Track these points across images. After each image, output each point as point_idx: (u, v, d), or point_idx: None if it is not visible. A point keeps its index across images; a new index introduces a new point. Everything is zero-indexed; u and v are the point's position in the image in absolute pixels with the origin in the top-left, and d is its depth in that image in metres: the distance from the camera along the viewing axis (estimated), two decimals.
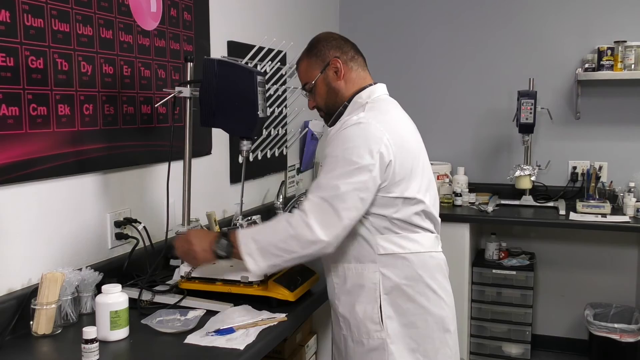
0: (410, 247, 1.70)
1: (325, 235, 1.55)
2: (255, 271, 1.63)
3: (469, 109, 3.92)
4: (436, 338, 1.73)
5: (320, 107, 1.83)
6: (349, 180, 1.57)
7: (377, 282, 1.69)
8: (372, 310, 1.68)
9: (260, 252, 1.60)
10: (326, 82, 1.78)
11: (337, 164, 1.60)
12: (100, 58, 1.93)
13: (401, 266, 1.69)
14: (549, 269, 3.85)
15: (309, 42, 1.83)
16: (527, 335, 3.56)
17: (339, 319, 1.76)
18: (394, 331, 1.68)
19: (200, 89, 1.84)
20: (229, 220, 2.68)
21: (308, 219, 1.55)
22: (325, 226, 1.55)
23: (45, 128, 1.73)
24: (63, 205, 1.83)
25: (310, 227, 1.55)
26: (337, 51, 1.77)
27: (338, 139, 1.64)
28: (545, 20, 3.75)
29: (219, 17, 2.62)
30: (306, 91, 1.83)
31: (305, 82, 1.81)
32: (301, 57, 1.84)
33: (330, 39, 1.80)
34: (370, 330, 1.69)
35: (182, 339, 1.56)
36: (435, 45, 3.97)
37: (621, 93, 3.64)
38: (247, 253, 1.61)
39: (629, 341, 3.31)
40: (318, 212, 1.56)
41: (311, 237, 1.55)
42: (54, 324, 1.62)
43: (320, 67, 1.77)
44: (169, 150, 1.98)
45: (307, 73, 1.80)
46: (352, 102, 1.77)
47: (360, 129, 1.62)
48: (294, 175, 3.40)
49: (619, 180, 3.59)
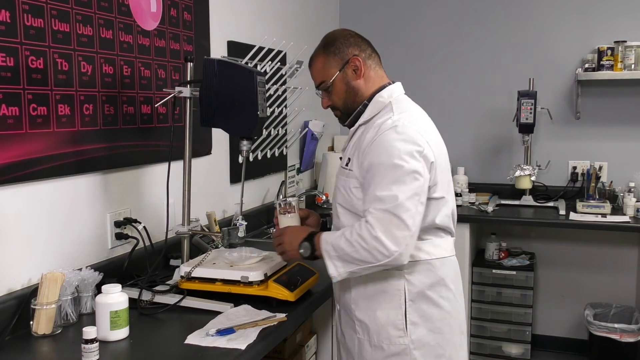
0: (435, 252, 1.69)
1: (395, 247, 1.53)
2: (335, 276, 1.61)
3: (469, 109, 3.92)
4: (457, 342, 1.74)
5: (337, 107, 1.77)
6: (405, 188, 1.55)
7: (402, 289, 1.66)
8: (396, 316, 1.66)
9: (341, 260, 1.59)
10: (345, 81, 1.72)
11: (386, 172, 1.57)
12: (100, 58, 1.93)
13: (426, 272, 1.67)
14: (549, 269, 3.85)
15: (324, 39, 1.77)
16: (527, 335, 3.56)
17: (355, 322, 1.72)
18: (419, 337, 1.66)
19: (200, 89, 1.84)
20: (229, 220, 2.68)
21: (376, 232, 1.53)
22: (394, 238, 1.53)
23: (45, 128, 1.73)
24: (63, 205, 1.83)
25: (380, 241, 1.52)
26: (356, 49, 1.72)
27: (379, 145, 1.60)
28: (545, 20, 3.75)
29: (219, 17, 2.62)
30: (321, 90, 1.77)
31: (322, 80, 1.75)
32: (316, 55, 1.76)
33: (347, 35, 1.75)
34: (392, 335, 1.66)
35: (183, 339, 1.56)
36: (435, 45, 3.97)
37: (621, 93, 3.64)
38: (329, 258, 1.61)
39: (629, 341, 3.31)
40: (384, 225, 1.53)
41: (383, 251, 1.53)
42: (54, 324, 1.62)
43: (338, 65, 1.71)
44: (169, 150, 1.97)
45: (324, 71, 1.74)
46: (373, 101, 1.72)
47: (399, 133, 1.60)
48: (294, 175, 3.40)
49: (619, 180, 3.59)
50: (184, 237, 1.98)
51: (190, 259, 1.98)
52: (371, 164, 1.60)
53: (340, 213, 1.73)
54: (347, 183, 1.69)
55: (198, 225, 2.21)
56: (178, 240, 2.01)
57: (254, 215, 2.90)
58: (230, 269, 1.85)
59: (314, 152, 3.58)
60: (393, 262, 1.55)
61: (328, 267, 1.62)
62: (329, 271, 1.62)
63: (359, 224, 1.57)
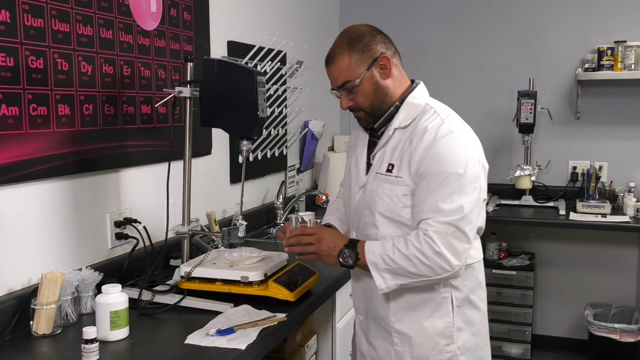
0: (475, 255, 1.67)
1: (457, 260, 1.50)
2: (383, 289, 1.55)
3: (469, 109, 3.85)
4: (487, 342, 1.75)
5: (363, 108, 1.64)
6: (467, 199, 1.51)
7: (449, 296, 1.62)
8: (444, 324, 1.62)
9: (391, 273, 1.53)
10: (373, 81, 1.60)
11: (449, 181, 1.51)
12: (100, 58, 1.93)
13: (469, 276, 1.64)
14: (549, 269, 3.85)
15: (347, 35, 1.62)
16: (527, 335, 3.56)
17: (392, 334, 1.66)
18: (464, 342, 1.64)
19: (200, 89, 1.84)
20: (229, 220, 2.68)
21: (439, 247, 1.48)
22: (456, 252, 1.49)
23: (45, 128, 1.73)
24: (63, 205, 1.83)
25: (443, 256, 1.48)
26: (383, 46, 1.61)
27: (439, 152, 1.53)
28: (545, 20, 3.75)
29: (219, 17, 2.62)
30: (344, 90, 1.62)
31: (347, 79, 1.60)
32: (339, 52, 1.60)
33: (374, 32, 1.62)
34: (440, 344, 1.62)
35: (183, 339, 1.56)
36: (435, 45, 3.97)
37: (621, 93, 3.64)
38: (376, 270, 1.54)
39: (629, 341, 3.31)
40: (445, 238, 1.48)
41: (446, 266, 1.49)
42: (54, 324, 1.62)
43: (366, 64, 1.59)
44: (169, 150, 1.97)
45: (351, 70, 1.59)
46: (407, 103, 1.64)
47: (456, 139, 1.54)
48: (294, 175, 3.40)
49: (619, 180, 3.59)
50: (184, 237, 1.98)
51: (190, 259, 1.98)
52: (430, 172, 1.53)
53: (380, 222, 1.63)
54: (393, 190, 1.60)
55: (198, 225, 2.21)
56: (178, 240, 2.01)
57: (254, 215, 2.90)
58: (230, 269, 1.85)
59: (314, 152, 3.58)
60: (453, 276, 1.53)
61: (375, 279, 1.55)
62: (376, 282, 1.55)
63: (417, 238, 1.51)
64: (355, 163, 1.75)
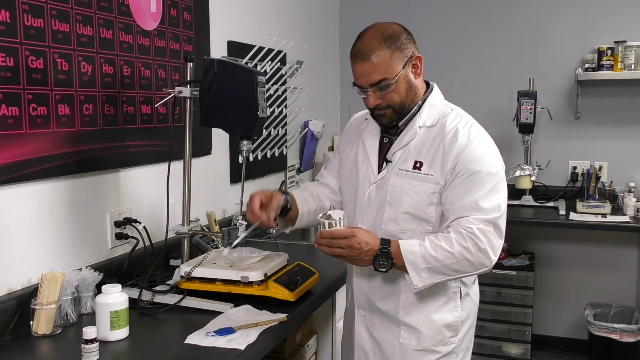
0: None
1: (495, 256, 1.57)
2: (417, 286, 1.57)
3: (469, 109, 3.84)
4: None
5: (392, 105, 1.64)
6: (501, 197, 1.60)
7: (458, 291, 1.70)
8: (452, 317, 1.69)
9: (429, 271, 1.56)
10: (407, 79, 1.63)
11: (485, 180, 1.58)
12: (100, 58, 1.93)
13: None
14: (549, 269, 3.85)
15: (382, 33, 1.60)
16: (527, 335, 3.56)
17: (400, 327, 1.70)
18: (464, 333, 1.73)
19: (200, 89, 1.84)
20: (229, 220, 2.68)
21: (483, 244, 1.54)
22: (493, 248, 1.56)
23: (45, 128, 1.73)
24: (63, 205, 1.83)
25: (486, 253, 1.54)
26: (414, 46, 1.66)
27: (474, 152, 1.60)
28: (545, 21, 3.75)
29: (219, 17, 2.62)
30: (377, 87, 1.61)
31: (384, 77, 1.59)
32: (377, 49, 1.58)
33: (406, 31, 1.65)
34: (446, 337, 1.69)
35: (183, 339, 1.56)
36: (435, 46, 3.96)
37: (621, 93, 3.64)
38: (414, 269, 1.56)
39: (629, 341, 3.31)
40: (487, 236, 1.55)
41: (486, 262, 1.56)
42: (54, 324, 1.62)
43: (402, 62, 1.61)
44: (169, 150, 1.97)
45: (389, 67, 1.59)
46: (429, 103, 1.69)
47: (487, 141, 1.65)
48: (294, 175, 3.40)
49: (619, 180, 3.59)
50: (184, 237, 1.98)
51: (190, 259, 1.98)
52: (468, 170, 1.58)
53: (403, 219, 1.65)
54: (422, 188, 1.62)
55: (198, 225, 2.21)
56: (178, 240, 2.01)
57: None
58: (230, 269, 1.85)
59: (314, 152, 3.58)
60: (487, 271, 1.60)
61: (412, 278, 1.56)
62: (413, 281, 1.57)
63: (460, 235, 1.55)
64: (365, 158, 1.75)
